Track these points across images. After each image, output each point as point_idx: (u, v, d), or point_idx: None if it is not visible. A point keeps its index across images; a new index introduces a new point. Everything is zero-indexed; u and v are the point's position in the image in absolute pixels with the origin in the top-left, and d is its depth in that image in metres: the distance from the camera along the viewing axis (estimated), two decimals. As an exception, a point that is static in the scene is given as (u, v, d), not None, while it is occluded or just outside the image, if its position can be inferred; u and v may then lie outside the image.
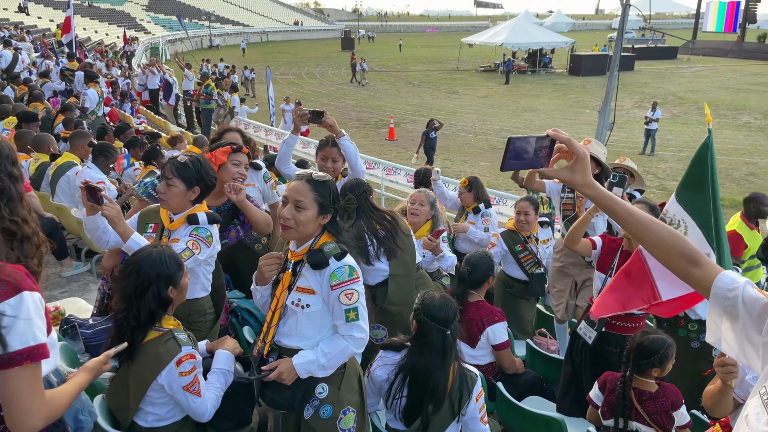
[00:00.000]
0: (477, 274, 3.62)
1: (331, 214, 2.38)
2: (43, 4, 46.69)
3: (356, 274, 2.28)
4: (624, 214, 1.45)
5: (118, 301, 2.33)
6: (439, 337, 2.57)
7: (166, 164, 2.93)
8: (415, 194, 4.52)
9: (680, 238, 1.42)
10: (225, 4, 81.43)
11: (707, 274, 1.34)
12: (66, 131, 7.96)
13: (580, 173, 1.46)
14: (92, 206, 2.72)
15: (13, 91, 11.62)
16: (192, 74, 16.82)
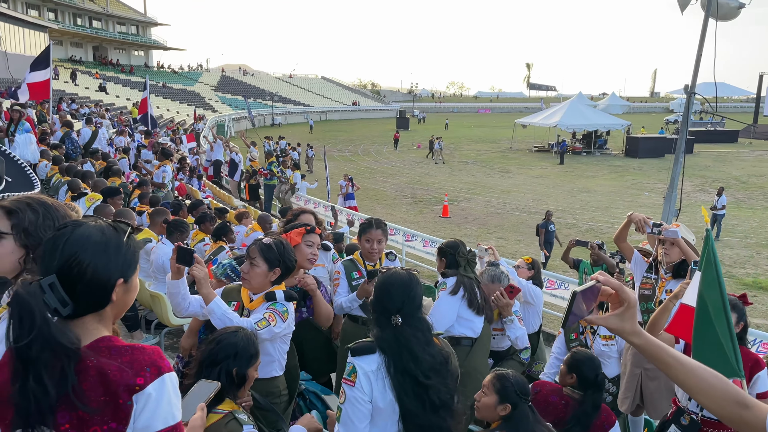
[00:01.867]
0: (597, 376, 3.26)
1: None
2: (121, 84, 50.37)
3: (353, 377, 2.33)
4: (673, 362, 1.41)
5: (192, 375, 2.37)
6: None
7: (251, 245, 3.07)
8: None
9: (727, 381, 1.38)
10: (287, 86, 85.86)
11: (759, 413, 1.32)
12: (141, 205, 8.41)
13: (629, 321, 1.43)
14: (179, 269, 2.86)
15: (92, 165, 12.41)
16: (257, 151, 17.61)
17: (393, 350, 2.32)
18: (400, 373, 2.29)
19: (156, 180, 10.06)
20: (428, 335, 2.39)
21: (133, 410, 1.37)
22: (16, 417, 1.32)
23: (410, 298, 2.39)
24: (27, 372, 1.32)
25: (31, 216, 1.80)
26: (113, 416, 1.36)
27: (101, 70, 56.54)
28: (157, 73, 68.80)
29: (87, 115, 23.55)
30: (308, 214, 4.37)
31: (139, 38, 71.23)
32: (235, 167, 17.26)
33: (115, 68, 61.42)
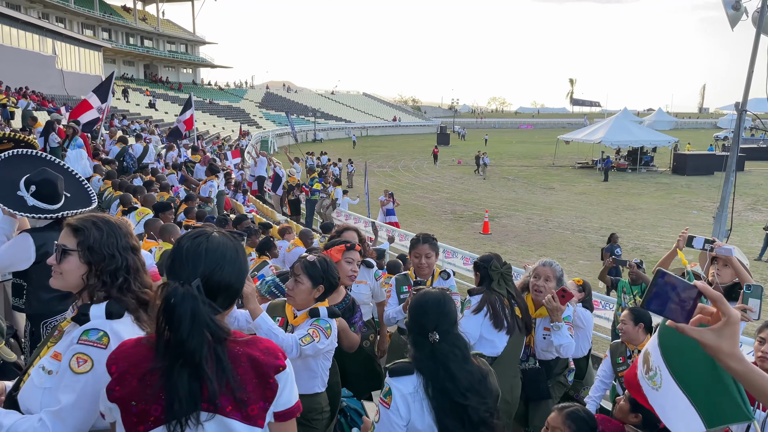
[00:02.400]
0: None
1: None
2: (170, 101, 51.96)
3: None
4: None
5: None
6: None
7: (296, 262, 3.13)
8: (539, 268, 4.05)
9: None
10: (329, 102, 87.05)
11: None
12: (188, 220, 8.64)
13: (728, 339, 1.27)
14: None
15: (142, 180, 12.83)
16: (299, 167, 17.90)
17: (430, 369, 2.31)
18: (439, 392, 2.27)
19: (203, 195, 10.34)
20: (466, 352, 2.38)
21: (278, 389, 1.60)
22: (168, 410, 1.48)
23: (445, 315, 2.40)
24: (184, 366, 1.50)
25: (96, 234, 1.90)
26: (263, 396, 1.58)
27: (151, 87, 58.49)
28: (204, 89, 70.76)
29: (137, 131, 24.37)
30: (351, 231, 4.42)
31: (187, 56, 73.51)
32: (278, 182, 17.58)
33: (164, 85, 63.46)
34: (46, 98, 28.76)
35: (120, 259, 1.90)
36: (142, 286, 1.94)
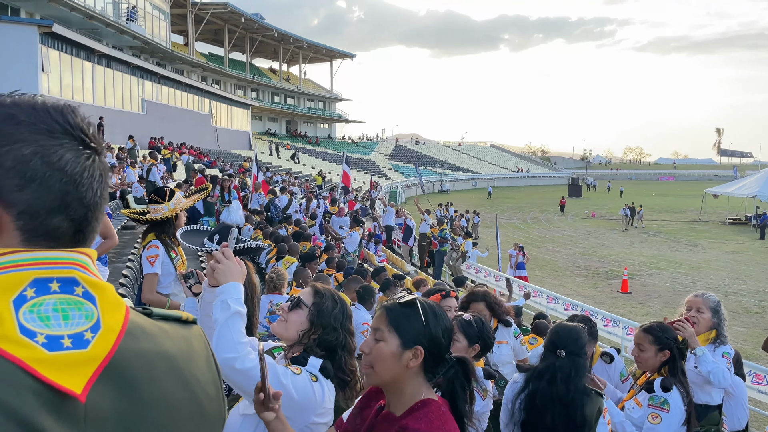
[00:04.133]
0: None
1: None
2: (308, 154, 55.24)
3: None
4: None
5: None
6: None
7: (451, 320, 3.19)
8: (690, 299, 3.85)
9: None
10: (456, 153, 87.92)
11: None
12: (329, 269, 9.07)
13: None
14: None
15: (285, 230, 13.70)
16: (429, 219, 18.16)
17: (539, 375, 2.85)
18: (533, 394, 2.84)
19: (348, 246, 10.81)
20: (580, 373, 2.78)
21: None
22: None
23: (573, 340, 2.83)
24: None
25: (330, 304, 2.11)
26: None
27: (291, 141, 62.74)
28: (338, 143, 74.59)
29: (280, 182, 26.18)
30: (480, 304, 4.20)
31: (325, 112, 78.25)
32: (409, 233, 17.92)
33: (303, 140, 67.83)
34: (202, 152, 31.87)
35: (340, 336, 2.07)
36: (349, 370, 2.08)
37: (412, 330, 1.69)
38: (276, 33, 61.89)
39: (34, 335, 0.73)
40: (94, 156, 0.83)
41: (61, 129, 0.80)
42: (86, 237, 0.84)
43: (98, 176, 0.83)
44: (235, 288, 1.88)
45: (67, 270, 0.79)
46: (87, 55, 26.09)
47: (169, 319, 0.92)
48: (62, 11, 28.29)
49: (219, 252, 1.94)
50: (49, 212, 0.78)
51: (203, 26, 51.57)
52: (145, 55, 38.92)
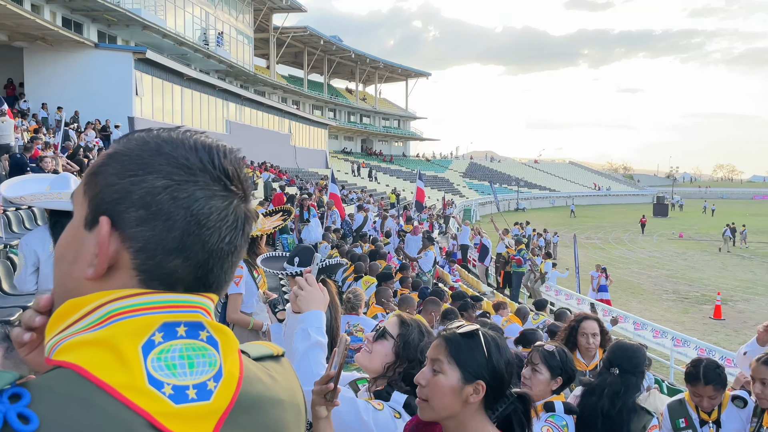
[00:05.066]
0: None
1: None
2: (382, 172, 55.78)
3: None
4: None
5: None
6: None
7: (533, 350, 3.04)
8: None
9: None
10: (533, 171, 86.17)
11: None
12: (403, 288, 9.00)
13: None
14: None
15: (361, 248, 13.78)
16: (507, 239, 17.78)
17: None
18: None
19: (422, 265, 10.73)
20: (630, 391, 2.86)
21: None
22: None
23: (627, 358, 2.96)
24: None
25: (416, 336, 2.03)
26: None
27: (366, 159, 63.59)
28: (412, 161, 74.92)
29: (356, 200, 26.50)
30: (592, 321, 4.05)
31: (399, 131, 78.92)
32: (485, 252, 17.59)
33: (377, 158, 68.61)
34: (281, 171, 32.83)
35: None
36: None
37: (474, 363, 1.56)
38: (353, 54, 63.23)
39: (162, 386, 0.70)
40: (232, 200, 0.77)
41: (200, 166, 0.75)
42: (208, 285, 0.78)
43: (231, 222, 0.77)
44: (317, 316, 1.85)
45: (194, 314, 0.76)
46: (176, 79, 27.58)
47: (263, 358, 0.87)
48: (155, 38, 30.10)
49: (302, 278, 1.91)
50: (168, 252, 0.73)
51: (284, 49, 53.43)
52: (229, 78, 40.70)
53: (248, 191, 0.80)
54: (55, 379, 0.68)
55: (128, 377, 0.69)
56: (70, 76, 22.39)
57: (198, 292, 0.77)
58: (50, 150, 12.51)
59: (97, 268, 0.73)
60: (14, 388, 0.65)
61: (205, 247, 0.74)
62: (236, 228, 0.77)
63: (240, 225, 0.78)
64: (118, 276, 0.74)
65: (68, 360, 0.69)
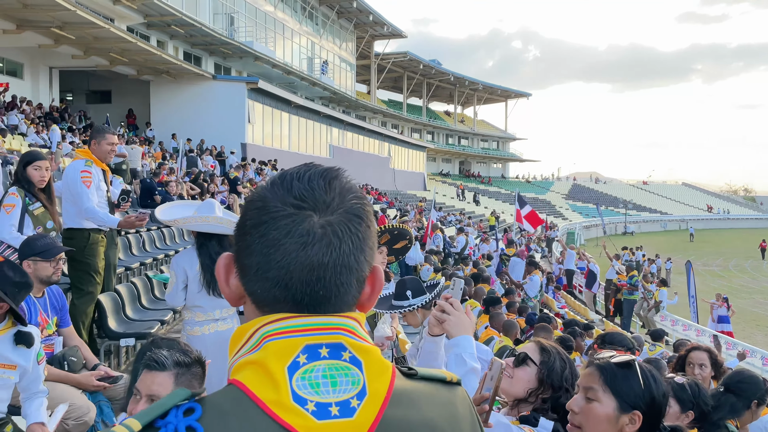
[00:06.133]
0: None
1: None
2: (480, 194, 55.25)
3: None
4: None
5: None
6: None
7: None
8: None
9: None
10: (642, 193, 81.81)
11: None
12: (509, 313, 8.84)
13: None
14: None
15: (462, 271, 13.69)
16: (618, 264, 16.97)
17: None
18: None
19: (529, 291, 10.51)
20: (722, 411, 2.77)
21: None
22: None
23: (737, 381, 2.89)
24: None
25: (559, 364, 2.03)
26: None
27: (464, 181, 63.30)
28: (511, 182, 73.64)
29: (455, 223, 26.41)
30: (701, 352, 3.82)
31: (498, 152, 77.96)
32: (593, 278, 16.86)
33: (476, 179, 68.09)
34: (381, 193, 33.41)
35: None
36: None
37: (631, 393, 1.57)
38: (452, 77, 63.51)
39: (305, 402, 0.75)
40: (297, 216, 0.80)
41: (272, 196, 0.82)
42: (318, 301, 0.81)
43: (299, 235, 0.79)
44: (469, 342, 1.86)
45: (335, 336, 0.80)
46: (284, 106, 29.00)
47: (432, 379, 0.89)
48: (265, 68, 31.87)
49: (447, 303, 1.90)
50: (253, 277, 0.81)
51: (384, 74, 54.69)
52: (332, 104, 42.20)
53: (322, 203, 0.81)
54: (224, 395, 0.77)
55: (276, 394, 0.75)
56: (190, 106, 24.19)
57: (316, 309, 0.81)
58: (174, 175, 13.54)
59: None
60: (190, 403, 0.75)
61: (278, 265, 0.79)
62: (309, 241, 0.79)
63: (314, 237, 0.79)
64: (248, 304, 0.84)
65: (236, 378, 0.78)
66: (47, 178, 4.04)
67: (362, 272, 0.84)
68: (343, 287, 0.81)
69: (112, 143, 4.66)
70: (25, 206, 3.88)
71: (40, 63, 21.62)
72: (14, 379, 2.62)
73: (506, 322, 5.82)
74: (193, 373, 1.97)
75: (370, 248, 0.84)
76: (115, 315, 4.86)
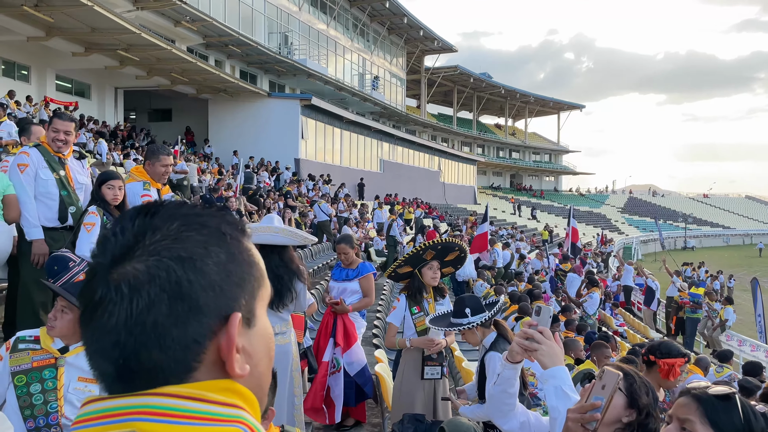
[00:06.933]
0: None
1: None
2: (532, 207, 54.36)
3: None
4: None
5: None
6: None
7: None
8: None
9: None
10: (702, 206, 78.79)
11: None
12: (567, 331, 8.64)
13: None
14: None
15: (516, 287, 13.49)
16: (678, 280, 16.37)
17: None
18: None
19: (588, 308, 10.27)
20: None
21: None
22: None
23: None
24: None
25: (642, 387, 1.98)
26: None
27: (516, 194, 62.50)
28: (565, 196, 72.23)
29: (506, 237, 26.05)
30: None
31: (550, 165, 76.70)
32: (652, 294, 16.30)
33: (527, 193, 67.11)
34: (431, 207, 33.35)
35: (657, 423, 1.90)
36: None
37: (731, 427, 1.50)
38: (503, 90, 63.07)
39: None
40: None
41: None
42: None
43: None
44: (565, 373, 1.83)
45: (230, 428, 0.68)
46: (336, 122, 29.45)
47: None
48: (317, 85, 32.48)
49: (537, 332, 1.86)
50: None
51: (434, 89, 54.83)
52: (383, 119, 42.54)
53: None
54: None
55: None
56: (246, 123, 24.89)
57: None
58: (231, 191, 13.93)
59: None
60: None
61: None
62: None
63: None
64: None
65: None
66: (120, 196, 4.18)
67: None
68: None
69: (166, 165, 4.71)
70: (103, 224, 4.05)
71: (106, 83, 22.71)
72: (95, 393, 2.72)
73: (568, 341, 5.69)
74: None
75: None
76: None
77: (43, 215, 4.28)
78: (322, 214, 16.69)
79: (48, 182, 4.27)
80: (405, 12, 39.06)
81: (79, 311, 0.73)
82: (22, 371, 2.52)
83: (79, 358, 2.66)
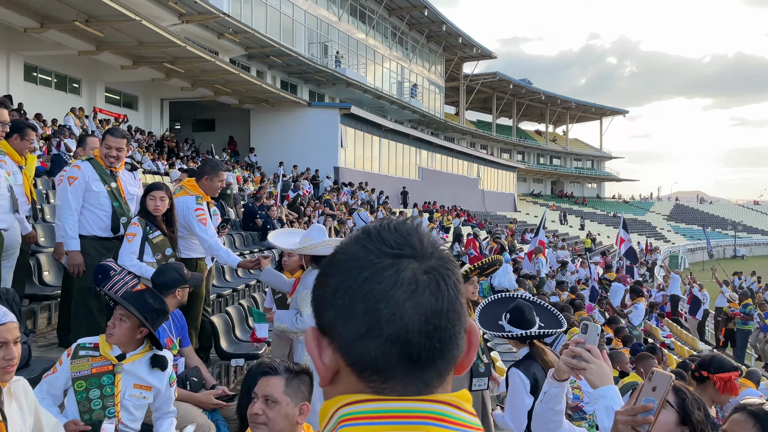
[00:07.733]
0: None
1: None
2: (574, 215, 53.44)
3: None
4: None
5: None
6: None
7: None
8: None
9: None
10: (753, 213, 76.02)
11: None
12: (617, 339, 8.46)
13: None
14: None
15: (558, 297, 13.25)
16: (728, 290, 15.83)
17: None
18: None
19: (633, 319, 10.03)
20: None
21: None
22: None
23: None
24: None
25: (695, 404, 1.94)
26: None
27: (557, 202, 61.54)
28: (608, 203, 70.75)
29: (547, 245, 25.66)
30: None
31: (593, 171, 75.26)
32: (697, 304, 15.80)
33: (569, 200, 65.99)
34: (470, 215, 33.13)
35: None
36: None
37: None
38: (543, 96, 62.32)
39: None
40: (400, 265, 0.74)
41: (366, 250, 0.76)
42: (415, 359, 0.73)
43: (406, 285, 0.73)
44: (616, 393, 1.80)
45: (423, 425, 0.71)
46: (375, 130, 29.61)
47: None
48: (356, 94, 32.74)
49: (585, 351, 1.83)
50: (359, 339, 0.73)
51: (473, 96, 54.57)
52: (421, 126, 42.54)
53: (419, 249, 0.75)
54: None
55: None
56: (287, 132, 25.29)
57: (429, 366, 0.74)
58: (272, 199, 14.16)
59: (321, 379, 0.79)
60: None
61: (391, 319, 0.72)
62: (417, 288, 0.73)
63: (422, 284, 0.73)
64: (342, 378, 0.76)
65: None
66: (162, 207, 4.25)
67: (466, 321, 0.77)
68: (455, 337, 0.75)
69: (222, 180, 4.84)
70: (146, 235, 4.16)
71: (152, 95, 23.41)
72: (149, 400, 2.84)
73: (613, 353, 5.57)
74: (302, 380, 2.16)
75: (464, 298, 0.78)
76: (226, 336, 5.11)
77: (97, 226, 4.43)
78: (361, 223, 16.79)
79: (100, 194, 4.41)
80: (444, 20, 39.07)
81: (136, 320, 0.78)
82: (81, 377, 2.64)
83: (135, 366, 2.76)
